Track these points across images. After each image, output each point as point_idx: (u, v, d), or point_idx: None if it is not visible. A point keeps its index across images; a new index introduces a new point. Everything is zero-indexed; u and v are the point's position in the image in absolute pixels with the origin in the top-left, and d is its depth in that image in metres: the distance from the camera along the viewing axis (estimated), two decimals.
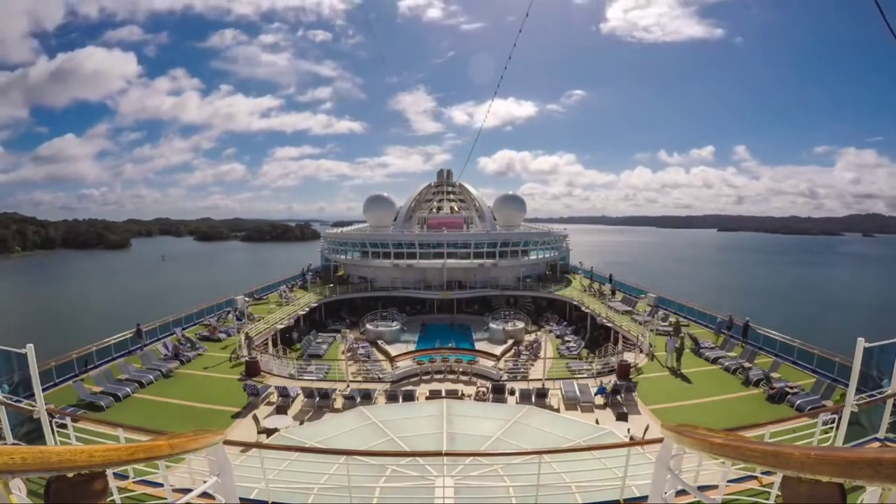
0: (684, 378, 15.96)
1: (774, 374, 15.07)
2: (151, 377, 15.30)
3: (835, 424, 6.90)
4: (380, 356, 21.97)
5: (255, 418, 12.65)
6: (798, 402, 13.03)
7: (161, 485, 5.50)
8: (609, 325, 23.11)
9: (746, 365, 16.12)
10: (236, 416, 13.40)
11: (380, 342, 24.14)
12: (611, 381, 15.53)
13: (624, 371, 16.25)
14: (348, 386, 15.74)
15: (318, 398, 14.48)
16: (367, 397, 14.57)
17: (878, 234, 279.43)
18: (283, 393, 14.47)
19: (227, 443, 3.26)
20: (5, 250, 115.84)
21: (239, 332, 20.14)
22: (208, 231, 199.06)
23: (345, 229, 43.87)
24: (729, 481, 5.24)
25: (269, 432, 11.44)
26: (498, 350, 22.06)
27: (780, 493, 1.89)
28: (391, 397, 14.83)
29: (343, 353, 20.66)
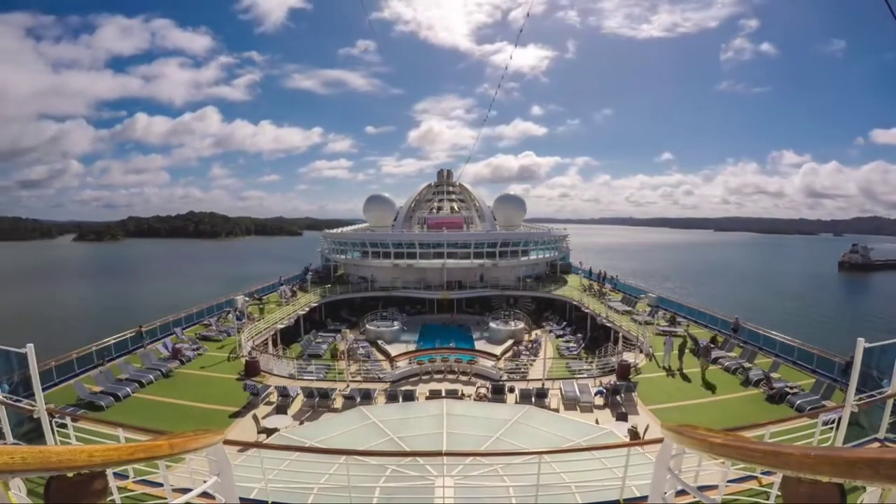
0: (684, 378, 15.96)
1: (774, 375, 15.06)
2: (151, 377, 15.31)
3: (835, 424, 6.89)
4: (380, 356, 21.97)
5: (255, 418, 12.65)
6: (798, 402, 13.04)
7: (161, 485, 5.49)
8: (609, 325, 23.11)
9: (746, 365, 16.13)
10: (236, 415, 13.41)
11: (380, 342, 24.14)
12: (610, 381, 15.53)
13: (624, 371, 16.25)
14: (348, 386, 15.75)
15: (317, 398, 14.48)
16: (366, 397, 14.57)
17: (875, 234, 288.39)
18: (283, 393, 14.46)
19: (226, 443, 3.26)
20: (236, 235, 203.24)
21: (239, 332, 20.15)
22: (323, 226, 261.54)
23: (344, 229, 43.82)
24: (729, 481, 5.23)
25: (269, 432, 11.45)
26: (498, 350, 22.03)
27: (780, 493, 1.89)
28: (391, 397, 14.81)
29: (343, 352, 20.65)
